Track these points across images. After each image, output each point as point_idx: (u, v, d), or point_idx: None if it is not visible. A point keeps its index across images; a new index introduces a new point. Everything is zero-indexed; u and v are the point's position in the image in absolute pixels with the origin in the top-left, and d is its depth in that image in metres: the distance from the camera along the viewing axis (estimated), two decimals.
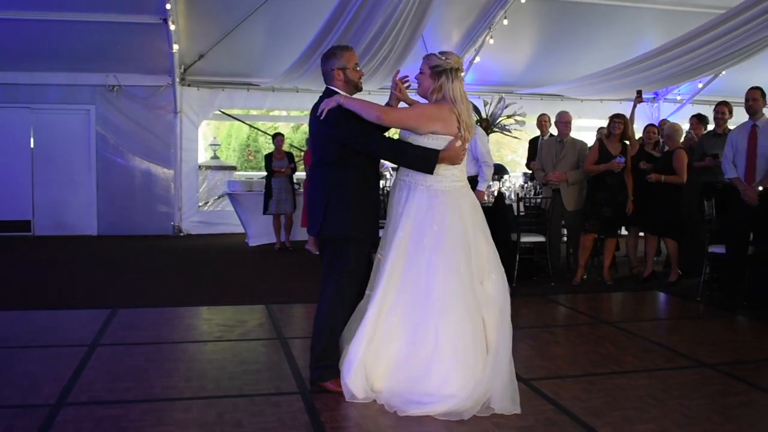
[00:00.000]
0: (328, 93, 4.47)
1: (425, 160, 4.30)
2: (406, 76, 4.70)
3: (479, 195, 8.12)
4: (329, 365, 4.47)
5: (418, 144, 4.36)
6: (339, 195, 4.39)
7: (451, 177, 4.40)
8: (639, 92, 9.60)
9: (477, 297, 4.33)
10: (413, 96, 4.73)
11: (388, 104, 4.69)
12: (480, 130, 8.75)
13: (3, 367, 5.10)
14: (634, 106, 9.47)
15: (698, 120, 9.70)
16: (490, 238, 4.51)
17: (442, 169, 4.35)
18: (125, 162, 13.15)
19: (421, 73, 4.50)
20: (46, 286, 8.36)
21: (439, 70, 4.39)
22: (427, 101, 4.53)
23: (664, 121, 10.72)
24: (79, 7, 10.94)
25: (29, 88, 12.71)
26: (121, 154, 13.11)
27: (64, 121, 13.01)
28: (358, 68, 4.57)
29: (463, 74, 4.59)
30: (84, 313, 6.90)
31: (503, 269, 4.56)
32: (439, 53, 4.48)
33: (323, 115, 4.28)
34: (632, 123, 9.12)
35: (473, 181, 8.12)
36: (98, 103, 12.95)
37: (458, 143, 4.33)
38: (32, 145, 12.96)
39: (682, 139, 9.20)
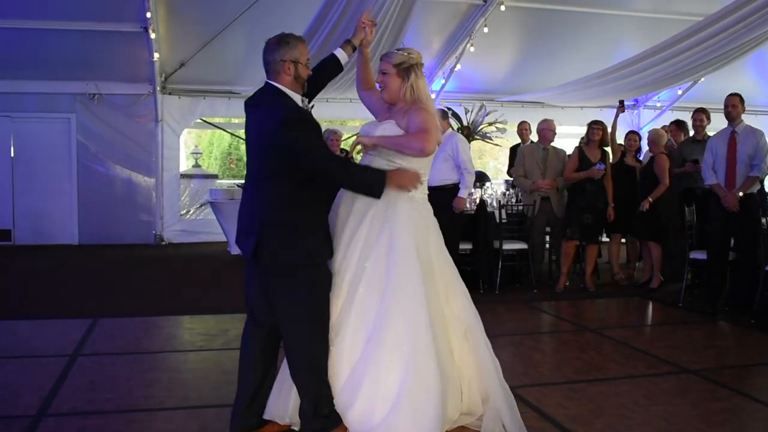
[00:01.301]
0: (266, 90, 3.80)
1: (374, 185, 3.76)
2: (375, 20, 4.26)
3: (460, 202, 8.12)
4: (330, 412, 3.79)
5: (406, 155, 3.93)
6: (285, 215, 3.71)
7: (423, 189, 4.13)
8: (621, 102, 9.68)
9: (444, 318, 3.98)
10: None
11: (348, 41, 4.28)
12: (461, 137, 8.77)
13: None
14: (617, 116, 9.55)
15: (677, 126, 9.79)
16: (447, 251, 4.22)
17: (424, 179, 4.06)
18: (106, 170, 13.07)
19: (384, 74, 4.01)
20: (26, 295, 8.29)
21: (406, 67, 3.97)
22: (391, 105, 4.09)
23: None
24: (60, 15, 10.87)
25: (9, 97, 12.60)
26: (102, 163, 13.03)
27: (45, 130, 12.91)
28: (308, 65, 3.88)
29: None
30: (65, 322, 6.86)
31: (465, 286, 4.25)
32: (399, 50, 4.08)
33: (355, 149, 3.93)
34: (614, 131, 9.18)
35: (455, 189, 8.15)
36: (79, 111, 12.86)
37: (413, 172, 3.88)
38: (12, 154, 12.84)
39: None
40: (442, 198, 8.10)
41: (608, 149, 8.88)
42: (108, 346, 6.03)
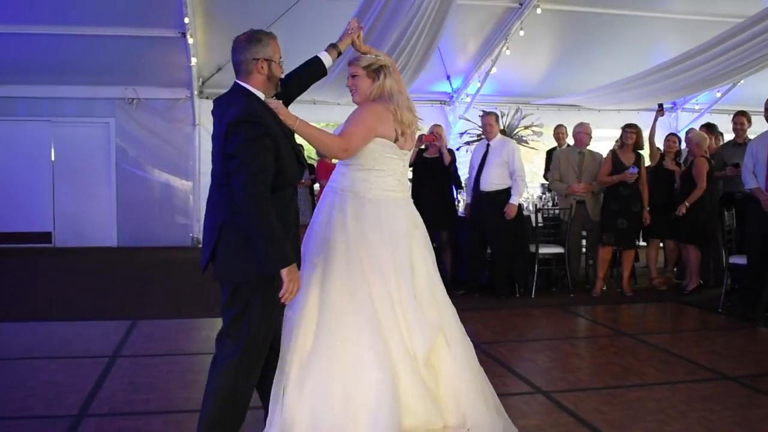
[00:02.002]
0: (233, 91, 3.55)
1: (269, 252, 3.30)
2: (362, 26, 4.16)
3: (512, 209, 8.18)
4: None
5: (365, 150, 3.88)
6: (237, 223, 3.35)
7: (382, 185, 3.95)
8: (661, 105, 9.56)
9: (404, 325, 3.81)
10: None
11: (333, 45, 4.17)
12: (514, 143, 8.82)
13: (26, 378, 5.16)
14: (656, 119, 9.43)
15: (708, 130, 9.65)
16: (433, 257, 4.11)
17: (372, 175, 3.92)
18: (144, 174, 13.24)
19: (354, 77, 4.01)
20: (67, 297, 8.42)
21: (375, 68, 3.98)
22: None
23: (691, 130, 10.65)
24: (99, 21, 11.03)
25: (50, 102, 12.82)
26: (141, 166, 13.20)
27: (84, 134, 13.12)
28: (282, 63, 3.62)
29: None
30: (105, 324, 6.96)
31: (446, 293, 4.12)
32: (368, 55, 4.08)
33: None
34: (653, 135, 9.07)
35: (506, 193, 8.20)
36: (118, 116, 13.05)
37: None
38: (53, 158, 13.07)
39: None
40: (496, 202, 8.18)
41: (643, 152, 8.79)
42: (147, 347, 6.11)
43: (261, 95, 3.52)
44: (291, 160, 3.51)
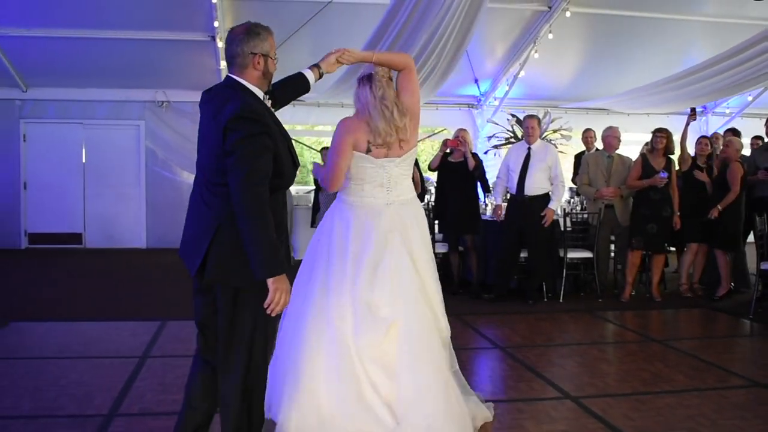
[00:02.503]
0: (228, 85, 3.38)
1: (266, 257, 3.15)
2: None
3: (551, 213, 8.20)
4: None
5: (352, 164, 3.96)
6: (234, 227, 3.19)
7: (358, 192, 4.06)
8: (693, 110, 9.41)
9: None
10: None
11: (315, 65, 4.01)
12: (554, 148, 8.82)
13: (57, 377, 5.22)
14: (687, 124, 9.30)
15: (733, 134, 9.54)
16: (422, 261, 4.06)
17: (351, 183, 4.05)
18: (173, 176, 13.35)
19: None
20: (97, 297, 8.51)
21: (358, 79, 4.10)
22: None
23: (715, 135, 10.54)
24: (130, 25, 11.16)
25: (81, 105, 13.00)
26: (170, 169, 13.32)
27: (115, 137, 13.27)
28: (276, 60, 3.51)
29: (387, 78, 4.09)
30: (134, 324, 7.03)
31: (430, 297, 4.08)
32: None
33: (337, 56, 3.87)
34: (685, 140, 8.97)
35: (545, 198, 8.19)
36: (147, 118, 13.18)
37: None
38: (84, 160, 13.23)
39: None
40: (538, 205, 8.18)
41: (674, 157, 8.71)
42: (176, 348, 6.15)
43: (257, 91, 3.39)
44: (288, 162, 3.40)
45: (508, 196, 8.66)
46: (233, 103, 3.19)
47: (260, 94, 3.40)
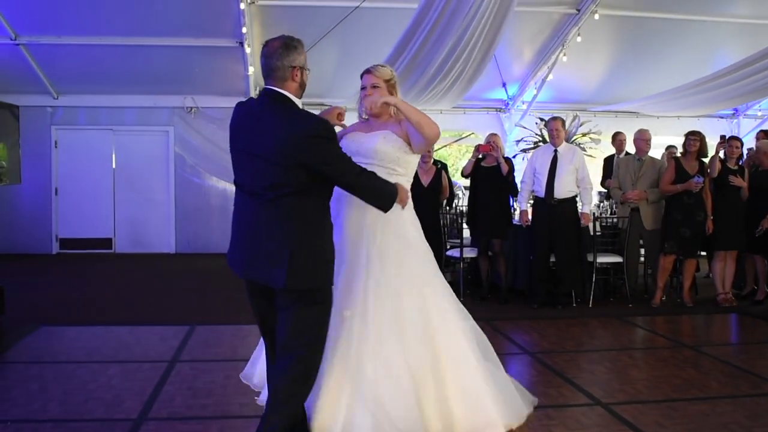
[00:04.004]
0: (273, 97, 3.54)
1: (391, 197, 3.70)
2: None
3: (587, 217, 8.23)
4: None
5: (412, 162, 4.05)
6: (311, 233, 3.49)
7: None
8: (723, 137, 9.16)
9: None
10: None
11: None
12: (580, 150, 8.78)
13: (87, 381, 5.26)
14: (717, 152, 9.04)
15: (766, 136, 9.40)
16: (423, 256, 4.20)
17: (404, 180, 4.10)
18: (202, 181, 13.45)
19: (374, 87, 4.08)
20: (127, 302, 8.58)
21: (393, 83, 4.08)
22: (371, 119, 4.19)
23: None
24: (159, 32, 11.25)
25: (111, 111, 13.14)
26: (199, 174, 13.41)
27: (144, 142, 13.38)
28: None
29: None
30: (164, 329, 7.06)
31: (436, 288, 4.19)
32: (381, 66, 4.16)
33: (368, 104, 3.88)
34: (715, 166, 8.66)
35: (573, 201, 8.23)
36: (176, 124, 13.28)
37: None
38: (114, 166, 13.35)
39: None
40: (568, 208, 8.18)
41: (705, 160, 8.59)
42: (205, 352, 6.19)
43: (298, 102, 3.55)
44: None
45: (532, 200, 8.60)
46: (306, 120, 3.41)
47: (300, 104, 3.56)
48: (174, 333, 6.82)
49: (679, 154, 8.73)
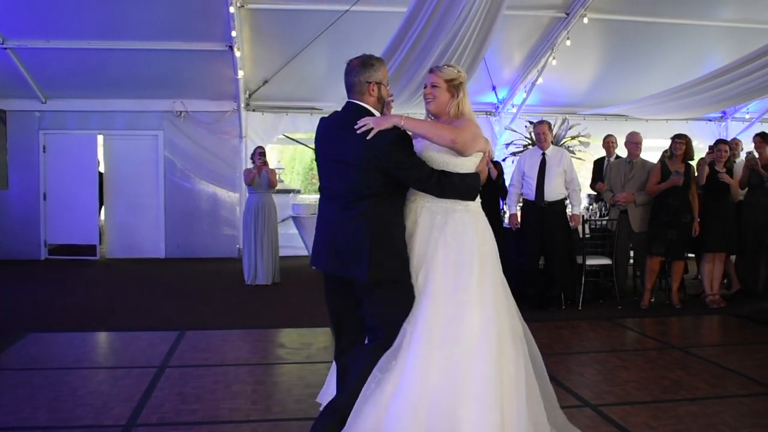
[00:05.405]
0: (354, 109, 3.84)
1: (472, 189, 3.95)
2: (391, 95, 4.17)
3: (577, 219, 8.29)
4: None
5: (460, 165, 3.94)
6: (389, 232, 3.78)
7: (477, 198, 4.09)
8: (711, 148, 9.14)
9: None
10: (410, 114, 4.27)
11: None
12: (568, 152, 8.81)
13: (75, 387, 5.23)
14: (705, 160, 9.05)
15: (762, 139, 9.43)
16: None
17: None
18: (192, 186, 13.43)
19: (434, 86, 4.00)
20: (116, 307, 8.54)
21: (457, 84, 3.99)
22: (434, 118, 4.09)
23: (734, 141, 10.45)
24: (148, 36, 11.24)
25: (100, 115, 13.11)
26: (188, 178, 13.39)
27: (134, 147, 13.35)
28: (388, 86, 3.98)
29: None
30: (153, 334, 7.02)
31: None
32: (448, 65, 4.09)
33: (371, 135, 3.64)
34: (703, 172, 8.71)
35: (563, 203, 8.27)
36: (166, 128, 13.27)
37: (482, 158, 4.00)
38: (102, 170, 13.31)
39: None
40: (557, 211, 8.21)
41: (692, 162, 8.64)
42: (194, 358, 6.16)
43: (377, 114, 3.84)
44: None
45: (521, 203, 8.61)
46: (390, 130, 3.66)
47: (378, 115, 3.83)
48: (163, 338, 6.79)
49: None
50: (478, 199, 4.04)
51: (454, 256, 3.80)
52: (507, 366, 3.69)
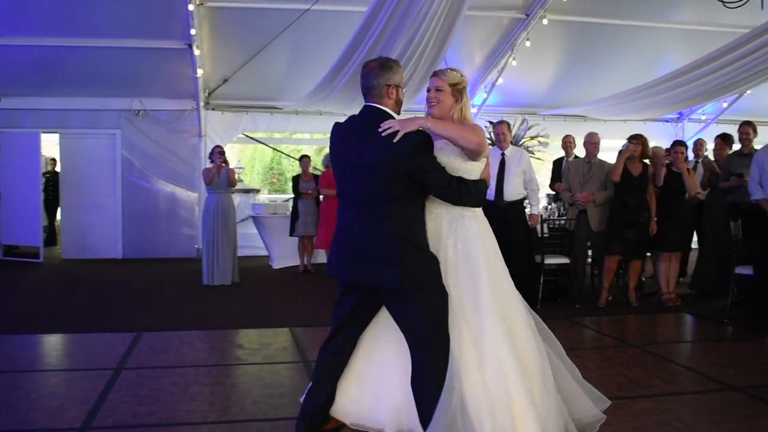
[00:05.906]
0: (374, 113, 3.81)
1: (483, 196, 3.98)
2: None
3: (536, 218, 8.42)
4: None
5: (468, 171, 3.95)
6: (414, 236, 3.76)
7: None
8: (667, 151, 9.29)
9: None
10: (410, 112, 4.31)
11: None
12: (526, 152, 8.86)
13: (29, 391, 5.13)
14: (662, 163, 9.20)
15: (722, 140, 9.60)
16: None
17: None
18: (150, 185, 13.27)
19: (438, 90, 3.99)
20: (71, 309, 8.41)
21: (460, 88, 4.00)
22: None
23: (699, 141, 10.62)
24: (106, 33, 11.08)
25: (57, 114, 12.90)
26: (147, 178, 13.23)
27: (91, 146, 13.16)
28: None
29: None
30: (109, 336, 6.92)
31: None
32: (451, 69, 4.09)
33: (397, 138, 3.60)
34: (660, 174, 8.84)
35: (522, 203, 8.38)
36: (124, 127, 13.11)
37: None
38: (59, 169, 13.10)
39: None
40: (517, 211, 8.26)
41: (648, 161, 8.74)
42: (151, 359, 6.09)
43: (396, 117, 3.80)
44: None
45: None
46: (413, 133, 3.63)
47: (398, 118, 3.78)
48: (120, 340, 6.69)
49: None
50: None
51: (465, 261, 3.89)
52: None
